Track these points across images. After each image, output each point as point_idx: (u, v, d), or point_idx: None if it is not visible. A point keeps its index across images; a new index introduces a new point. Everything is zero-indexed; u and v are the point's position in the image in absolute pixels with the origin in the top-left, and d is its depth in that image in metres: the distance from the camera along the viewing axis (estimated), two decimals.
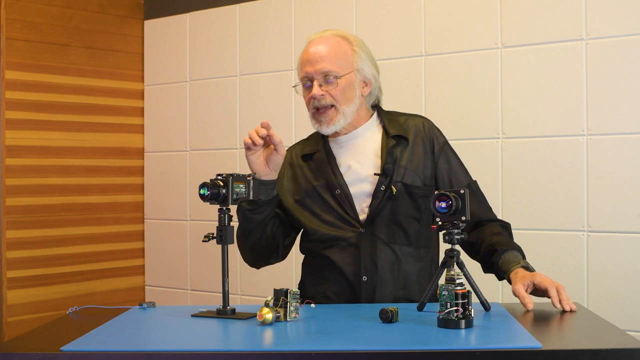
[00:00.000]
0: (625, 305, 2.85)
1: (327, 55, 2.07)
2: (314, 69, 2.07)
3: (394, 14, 3.40)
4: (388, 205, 2.06)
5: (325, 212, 2.09)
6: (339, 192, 2.08)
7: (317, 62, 2.07)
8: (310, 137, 2.25)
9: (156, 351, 1.49)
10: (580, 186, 2.95)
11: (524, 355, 1.44)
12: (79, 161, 3.96)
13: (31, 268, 3.73)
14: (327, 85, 2.07)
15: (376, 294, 2.03)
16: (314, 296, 2.06)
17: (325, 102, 2.07)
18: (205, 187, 1.85)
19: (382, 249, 2.05)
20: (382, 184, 2.06)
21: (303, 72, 2.10)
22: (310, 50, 2.10)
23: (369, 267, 2.04)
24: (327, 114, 2.08)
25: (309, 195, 2.12)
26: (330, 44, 2.10)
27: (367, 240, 2.05)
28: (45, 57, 3.82)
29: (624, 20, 2.88)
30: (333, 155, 2.14)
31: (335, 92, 2.07)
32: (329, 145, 2.16)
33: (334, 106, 2.07)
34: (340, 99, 2.07)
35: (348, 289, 2.06)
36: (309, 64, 2.08)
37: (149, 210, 4.22)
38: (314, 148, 2.18)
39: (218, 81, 3.95)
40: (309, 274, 2.18)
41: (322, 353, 1.45)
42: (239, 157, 3.85)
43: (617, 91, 2.89)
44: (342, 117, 2.09)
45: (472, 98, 3.20)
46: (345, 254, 2.06)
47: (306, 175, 2.15)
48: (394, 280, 2.05)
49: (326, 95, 2.06)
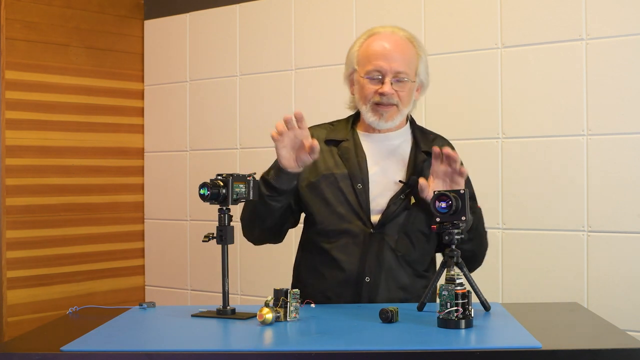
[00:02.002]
0: (625, 305, 2.85)
1: (401, 56, 2.07)
2: (389, 65, 2.05)
3: (394, 14, 3.39)
4: (403, 215, 2.05)
5: (339, 203, 2.07)
6: (360, 187, 2.06)
7: (394, 60, 2.06)
8: (337, 124, 2.22)
9: (156, 351, 1.49)
10: (580, 186, 2.95)
11: (524, 355, 1.44)
12: (79, 161, 3.96)
13: (31, 268, 3.73)
14: (397, 85, 2.07)
15: (378, 296, 2.02)
16: (312, 295, 2.01)
17: (392, 100, 2.07)
18: (205, 187, 1.85)
19: (388, 254, 2.04)
20: (403, 193, 2.06)
21: (374, 65, 2.07)
22: (384, 45, 2.08)
23: (373, 268, 2.03)
24: (389, 110, 2.07)
25: (326, 181, 2.09)
26: (403, 45, 2.10)
27: (374, 242, 2.04)
28: (45, 57, 3.82)
29: (624, 20, 2.88)
30: (363, 149, 2.12)
31: (403, 93, 2.08)
32: (359, 138, 2.15)
33: (397, 106, 2.08)
34: (405, 100, 2.09)
35: (349, 288, 2.04)
36: (383, 59, 2.06)
37: (149, 210, 4.22)
38: (342, 136, 2.15)
39: (218, 81, 3.95)
40: (306, 270, 2.14)
41: (322, 353, 1.45)
42: (239, 157, 3.85)
43: (617, 91, 2.89)
44: (400, 116, 2.10)
45: (472, 98, 3.20)
46: (349, 252, 2.04)
47: (327, 161, 2.12)
48: (394, 286, 2.04)
49: (395, 95, 2.07)
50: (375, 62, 2.07)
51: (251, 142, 3.81)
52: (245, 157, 3.83)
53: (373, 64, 2.07)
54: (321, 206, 2.08)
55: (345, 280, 2.04)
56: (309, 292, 2.04)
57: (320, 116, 2.28)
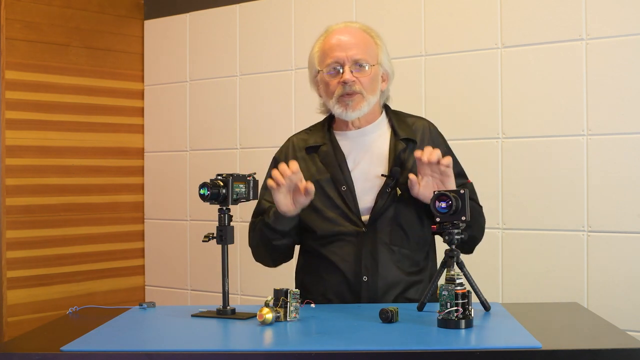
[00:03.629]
0: (625, 305, 2.85)
1: (356, 44, 2.09)
2: (346, 54, 2.07)
3: (394, 14, 3.40)
4: (392, 207, 2.06)
5: (328, 208, 2.08)
6: (345, 189, 2.07)
7: (350, 48, 2.08)
8: (313, 128, 2.24)
9: (156, 351, 1.49)
10: (580, 186, 2.95)
11: (524, 355, 1.44)
12: (79, 161, 3.96)
13: (31, 268, 3.73)
14: (358, 72, 2.08)
15: (377, 294, 2.03)
16: (315, 298, 2.04)
17: (355, 88, 2.07)
18: (205, 187, 1.85)
19: (382, 250, 2.05)
20: (388, 186, 2.06)
21: (332, 57, 2.09)
22: (339, 37, 2.10)
23: (369, 267, 2.03)
24: (353, 98, 2.08)
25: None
26: (358, 34, 2.12)
27: (368, 240, 2.05)
28: (45, 57, 3.82)
29: (624, 20, 2.88)
30: (341, 150, 2.13)
31: (365, 80, 2.08)
32: (336, 139, 2.16)
33: (361, 93, 2.08)
34: (368, 87, 2.09)
35: (348, 289, 2.05)
36: (340, 49, 2.08)
37: (149, 210, 4.22)
38: (320, 140, 2.16)
39: (218, 81, 3.95)
40: (308, 273, 2.16)
41: (322, 353, 1.45)
42: (239, 157, 3.85)
43: (617, 91, 2.89)
44: (367, 105, 2.10)
45: (472, 98, 3.20)
46: (344, 253, 2.05)
47: (309, 168, 2.13)
48: (393, 282, 2.04)
49: (356, 82, 2.07)
50: (332, 55, 2.09)
51: (251, 142, 3.81)
52: (245, 157, 3.83)
53: (331, 57, 2.09)
54: (312, 214, 2.09)
55: (344, 281, 2.05)
56: (312, 295, 2.07)
57: (320, 116, 2.28)
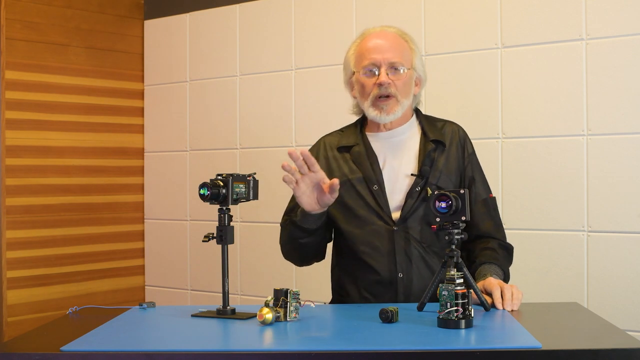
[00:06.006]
0: (625, 305, 2.85)
1: (393, 47, 2.13)
2: (382, 56, 2.11)
3: (394, 14, 3.39)
4: (422, 206, 2.09)
5: (360, 207, 2.12)
6: (377, 188, 2.11)
7: (386, 51, 2.12)
8: (346, 129, 2.27)
9: (156, 351, 1.49)
10: (580, 186, 2.95)
11: (524, 355, 1.44)
12: (79, 161, 3.96)
13: (31, 268, 3.73)
14: (393, 75, 2.11)
15: (412, 289, 2.06)
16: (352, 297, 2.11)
17: (390, 90, 2.10)
18: (205, 187, 1.85)
19: (414, 246, 2.08)
20: (418, 185, 2.09)
21: (369, 59, 2.12)
22: (376, 40, 2.14)
23: (404, 263, 2.07)
24: (388, 103, 2.11)
25: (344, 188, 2.13)
26: (394, 38, 2.16)
27: (400, 238, 2.08)
28: (45, 57, 3.82)
29: (624, 20, 2.88)
30: (373, 150, 2.17)
31: (400, 83, 2.12)
32: (368, 140, 2.19)
33: (395, 97, 2.11)
34: (402, 91, 2.12)
35: (385, 287, 2.08)
36: (376, 51, 2.12)
37: (149, 210, 4.22)
38: (352, 141, 2.20)
39: (218, 81, 3.95)
40: (342, 273, 2.19)
41: (322, 353, 1.45)
42: (239, 157, 3.85)
43: (617, 91, 2.89)
44: (400, 108, 2.13)
45: (472, 98, 3.20)
46: (378, 252, 2.09)
47: (341, 167, 2.18)
48: (428, 277, 2.07)
49: (392, 84, 2.10)
50: (369, 57, 2.13)
51: (251, 142, 3.81)
52: (245, 157, 3.83)
53: (368, 59, 2.13)
54: (344, 213, 2.14)
55: (380, 280, 2.09)
56: (348, 294, 2.12)
57: (320, 116, 2.29)
